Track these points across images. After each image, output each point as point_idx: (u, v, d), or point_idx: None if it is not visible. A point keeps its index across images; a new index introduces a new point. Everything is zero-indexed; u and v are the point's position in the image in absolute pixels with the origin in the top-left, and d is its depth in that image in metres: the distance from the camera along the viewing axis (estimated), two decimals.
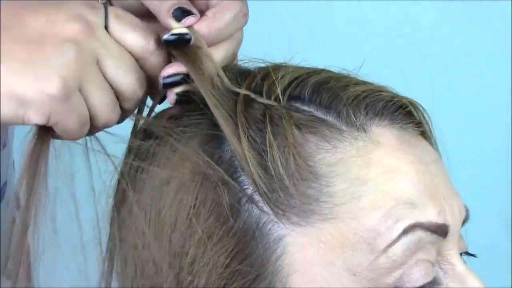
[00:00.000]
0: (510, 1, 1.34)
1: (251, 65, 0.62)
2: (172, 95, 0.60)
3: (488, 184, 1.39)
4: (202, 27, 0.60)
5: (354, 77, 0.60)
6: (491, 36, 1.37)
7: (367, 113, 0.57)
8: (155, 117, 0.62)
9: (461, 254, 0.59)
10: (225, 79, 0.59)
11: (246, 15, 0.62)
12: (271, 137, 0.56)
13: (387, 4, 1.32)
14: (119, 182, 0.60)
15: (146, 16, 0.63)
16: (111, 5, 0.66)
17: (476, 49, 1.38)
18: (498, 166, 1.42)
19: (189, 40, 0.59)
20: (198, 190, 0.56)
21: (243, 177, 0.56)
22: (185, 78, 0.59)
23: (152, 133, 0.60)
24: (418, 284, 0.54)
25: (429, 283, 0.55)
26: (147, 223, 0.58)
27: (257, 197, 0.56)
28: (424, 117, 0.61)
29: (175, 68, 0.59)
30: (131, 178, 0.59)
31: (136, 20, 0.60)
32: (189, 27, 0.60)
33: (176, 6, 0.60)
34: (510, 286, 1.32)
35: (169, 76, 0.59)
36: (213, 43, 0.60)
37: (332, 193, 0.55)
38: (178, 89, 0.60)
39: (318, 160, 0.56)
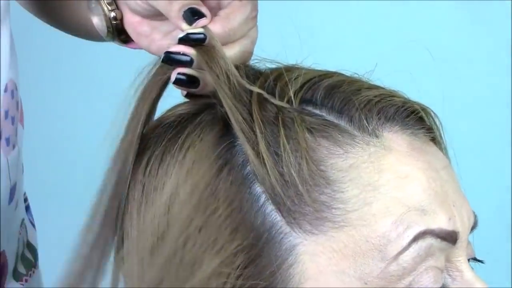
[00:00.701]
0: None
1: (262, 66, 0.62)
2: (174, 74, 0.59)
3: (489, 184, 1.40)
4: (216, 27, 0.60)
5: (366, 81, 0.60)
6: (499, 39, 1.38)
7: (379, 118, 0.57)
8: (164, 115, 0.61)
9: (468, 260, 0.58)
10: (239, 77, 0.58)
11: (255, 17, 0.62)
12: (285, 141, 0.55)
13: (399, 8, 1.32)
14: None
15: (157, 15, 0.63)
16: (117, 6, 0.65)
17: (482, 52, 1.38)
18: (498, 167, 1.42)
19: (204, 40, 0.59)
20: (209, 201, 0.55)
21: (255, 185, 0.56)
22: (191, 62, 0.59)
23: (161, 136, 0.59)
24: None
25: None
26: (155, 233, 0.57)
27: (269, 205, 0.55)
28: (435, 123, 0.60)
29: (183, 49, 0.59)
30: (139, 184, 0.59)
31: None
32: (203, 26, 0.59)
33: (186, 7, 0.60)
34: (510, 287, 1.32)
35: (175, 53, 0.59)
36: (225, 43, 0.60)
37: (344, 199, 0.55)
38: (184, 70, 0.59)
39: (330, 165, 0.55)
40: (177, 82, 0.59)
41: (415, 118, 0.59)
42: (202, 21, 0.59)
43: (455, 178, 0.59)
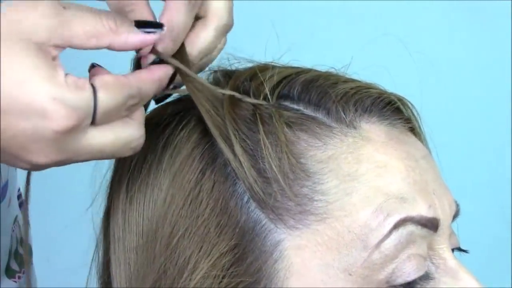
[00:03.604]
0: (509, 1, 1.35)
1: (241, 65, 0.62)
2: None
3: (489, 182, 1.39)
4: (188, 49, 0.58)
5: (343, 75, 0.61)
6: (483, 33, 1.37)
7: (356, 110, 0.58)
8: (149, 115, 0.61)
9: (453, 250, 0.59)
10: (207, 84, 0.58)
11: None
12: (264, 136, 0.56)
13: (377, 2, 1.32)
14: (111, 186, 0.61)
15: None
16: None
17: (470, 46, 1.37)
18: (499, 165, 1.42)
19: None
20: (194, 204, 0.56)
21: (238, 183, 0.56)
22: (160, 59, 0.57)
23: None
24: (410, 279, 0.55)
25: (420, 277, 0.55)
26: (140, 235, 0.58)
27: (253, 203, 0.56)
28: (413, 113, 0.61)
29: (159, 73, 0.57)
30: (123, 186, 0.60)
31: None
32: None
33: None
34: (511, 286, 1.32)
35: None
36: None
37: (324, 191, 0.55)
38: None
39: (309, 157, 0.56)
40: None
41: (392, 109, 0.59)
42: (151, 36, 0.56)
43: (435, 167, 0.60)
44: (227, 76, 0.61)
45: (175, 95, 0.61)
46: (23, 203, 0.77)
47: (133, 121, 0.54)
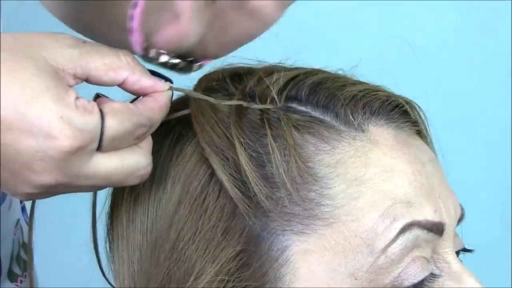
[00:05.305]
0: (509, 1, 1.35)
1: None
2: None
3: (489, 183, 1.39)
4: None
5: (351, 77, 0.61)
6: (487, 35, 1.37)
7: (364, 113, 0.57)
8: None
9: (458, 252, 0.59)
10: (209, 99, 0.58)
11: None
12: (272, 141, 0.56)
13: (383, 5, 1.32)
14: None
15: None
16: None
17: (473, 48, 1.38)
18: (498, 165, 1.42)
19: None
20: (202, 209, 0.56)
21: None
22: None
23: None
24: (416, 280, 0.55)
25: (426, 278, 0.55)
26: (145, 232, 0.58)
27: (261, 208, 0.55)
28: (420, 116, 0.61)
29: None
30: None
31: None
32: None
33: None
34: (511, 286, 1.32)
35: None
36: None
37: (332, 195, 0.55)
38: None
39: (317, 162, 0.56)
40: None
41: (399, 112, 0.59)
42: None
43: (441, 171, 0.60)
44: (235, 80, 0.60)
45: (179, 94, 0.60)
46: (25, 207, 0.77)
47: (141, 149, 0.55)
